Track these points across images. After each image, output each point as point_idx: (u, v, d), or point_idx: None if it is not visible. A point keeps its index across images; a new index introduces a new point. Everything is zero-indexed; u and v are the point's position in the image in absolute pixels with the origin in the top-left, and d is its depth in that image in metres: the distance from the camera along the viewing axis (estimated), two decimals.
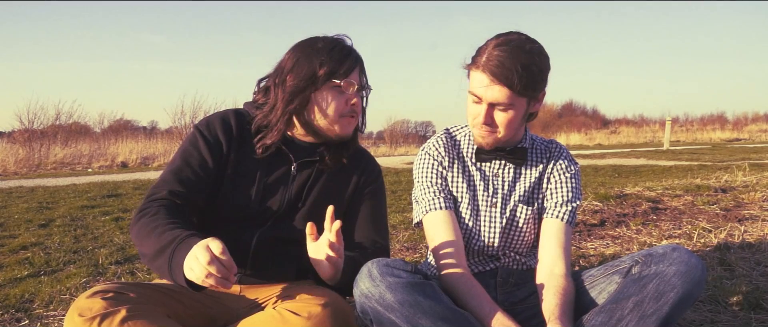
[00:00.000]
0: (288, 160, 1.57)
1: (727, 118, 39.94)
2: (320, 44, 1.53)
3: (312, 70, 1.50)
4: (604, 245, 3.22)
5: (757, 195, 4.62)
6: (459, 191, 1.62)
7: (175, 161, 1.51)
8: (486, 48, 1.44)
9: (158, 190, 1.45)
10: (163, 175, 1.50)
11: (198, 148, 1.52)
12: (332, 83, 1.51)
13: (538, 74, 1.42)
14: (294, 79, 1.52)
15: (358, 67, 1.56)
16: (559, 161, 1.64)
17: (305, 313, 1.29)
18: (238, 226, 1.54)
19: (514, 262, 1.65)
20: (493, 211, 1.61)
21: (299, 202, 1.56)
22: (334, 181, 1.61)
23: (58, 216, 4.64)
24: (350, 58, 1.54)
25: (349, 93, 1.53)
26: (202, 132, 1.54)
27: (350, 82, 1.52)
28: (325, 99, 1.52)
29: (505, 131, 1.50)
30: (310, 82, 1.51)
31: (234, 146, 1.55)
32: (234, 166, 1.54)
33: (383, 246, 1.62)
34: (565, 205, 1.59)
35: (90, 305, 1.26)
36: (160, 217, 1.36)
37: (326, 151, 1.59)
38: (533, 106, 1.52)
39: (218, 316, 1.50)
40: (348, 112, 1.55)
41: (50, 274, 2.79)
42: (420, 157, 1.67)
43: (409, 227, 3.80)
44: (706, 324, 1.92)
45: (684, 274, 1.28)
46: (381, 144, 23.76)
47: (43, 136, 14.72)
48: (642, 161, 11.68)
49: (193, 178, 1.48)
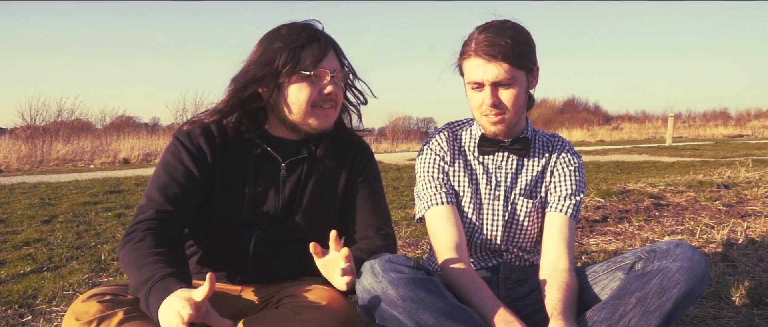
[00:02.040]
0: (276, 162, 1.52)
1: (729, 114, 39.88)
2: (284, 31, 1.45)
3: (272, 57, 1.43)
4: (607, 241, 3.21)
5: (760, 191, 4.61)
6: (461, 186, 1.62)
7: (160, 176, 1.44)
8: (472, 37, 1.50)
9: (145, 210, 1.40)
10: (148, 193, 1.43)
11: (181, 161, 1.45)
12: (302, 74, 1.43)
13: (526, 44, 1.48)
14: (254, 68, 1.45)
15: (330, 52, 1.47)
16: (562, 154, 1.64)
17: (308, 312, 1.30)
18: (234, 231, 1.51)
19: (516, 258, 1.65)
20: (496, 204, 1.61)
21: (294, 203, 1.53)
22: (326, 175, 1.56)
23: (60, 212, 4.65)
24: (318, 43, 1.44)
25: (323, 82, 1.45)
26: (183, 143, 1.47)
27: (322, 70, 1.44)
28: (295, 91, 1.44)
29: (512, 109, 1.50)
30: (270, 70, 1.43)
31: (219, 154, 1.49)
32: (222, 175, 1.49)
33: (388, 232, 1.58)
34: (568, 199, 1.59)
35: (87, 309, 1.25)
36: (144, 247, 1.30)
37: (314, 146, 1.54)
38: (531, 83, 1.55)
39: (219, 311, 1.49)
40: (322, 102, 1.46)
41: (53, 270, 2.80)
42: (422, 152, 1.67)
43: (411, 223, 3.80)
44: (708, 320, 1.91)
45: (687, 270, 1.27)
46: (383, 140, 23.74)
47: (45, 132, 14.74)
48: (644, 157, 11.66)
49: (180, 193, 1.42)
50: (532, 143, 1.64)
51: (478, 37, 1.46)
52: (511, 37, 1.44)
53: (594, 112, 42.55)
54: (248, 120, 1.51)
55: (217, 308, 1.49)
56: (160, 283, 1.19)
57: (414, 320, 1.23)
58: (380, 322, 1.29)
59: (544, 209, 1.62)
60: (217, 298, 1.52)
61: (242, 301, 1.53)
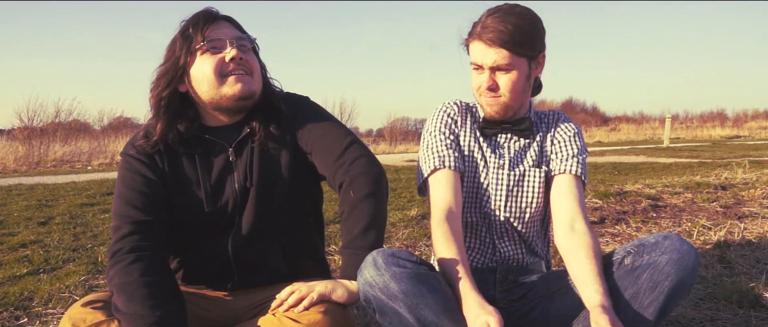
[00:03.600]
0: (223, 149, 1.50)
1: (727, 115, 39.98)
2: (181, 24, 1.46)
3: (172, 51, 1.44)
4: (604, 243, 3.21)
5: (757, 192, 4.62)
6: (468, 152, 1.62)
7: (122, 194, 1.44)
8: (480, 20, 1.50)
9: (121, 226, 1.39)
10: (117, 211, 1.42)
11: (136, 171, 1.46)
12: (200, 49, 1.42)
13: (531, 32, 1.47)
14: (161, 67, 1.46)
15: (222, 22, 1.46)
16: (559, 124, 1.66)
17: (305, 320, 1.28)
18: (208, 238, 1.50)
19: (513, 257, 1.64)
20: (501, 173, 1.61)
21: (249, 183, 1.48)
22: (273, 146, 1.51)
23: (57, 214, 4.64)
24: (205, 17, 1.44)
25: (224, 51, 1.42)
26: (131, 155, 1.47)
27: (217, 38, 1.42)
28: (198, 67, 1.43)
29: (509, 94, 1.51)
30: (175, 59, 1.43)
31: (166, 159, 1.48)
32: (175, 178, 1.48)
33: (349, 142, 1.49)
34: (573, 158, 1.59)
35: (83, 316, 1.26)
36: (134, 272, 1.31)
37: (253, 121, 1.49)
38: (535, 70, 1.54)
39: (215, 318, 1.49)
40: (230, 69, 1.43)
41: (49, 272, 2.79)
42: (434, 113, 1.67)
43: (408, 225, 3.80)
44: (706, 322, 1.91)
45: (677, 261, 1.27)
46: (381, 141, 23.74)
47: (42, 133, 14.71)
48: (642, 158, 11.67)
49: (147, 201, 1.43)
50: (535, 124, 1.65)
51: (485, 21, 1.47)
52: (514, 24, 1.44)
53: (592, 113, 42.64)
54: (182, 120, 1.49)
55: (214, 312, 1.50)
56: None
57: (414, 315, 1.23)
58: (380, 315, 1.29)
59: (548, 178, 1.62)
60: (212, 303, 1.51)
61: (237, 304, 1.52)
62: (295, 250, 1.57)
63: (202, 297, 1.50)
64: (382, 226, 1.44)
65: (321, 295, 1.32)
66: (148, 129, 1.50)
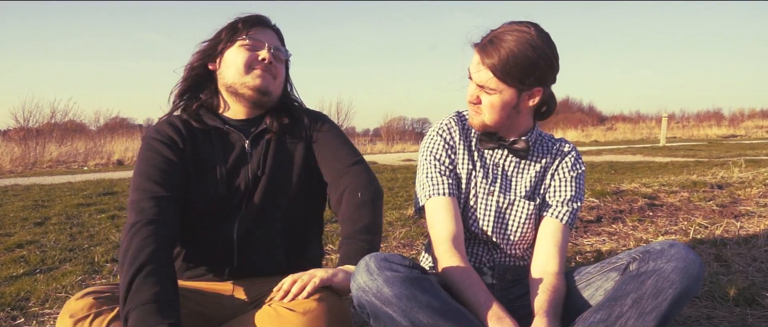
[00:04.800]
0: (239, 140, 1.61)
1: (723, 114, 40.01)
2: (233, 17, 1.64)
3: (217, 35, 1.63)
4: (601, 242, 3.22)
5: (754, 191, 4.63)
6: (462, 172, 1.61)
7: (141, 170, 1.50)
8: (494, 31, 1.47)
9: (140, 200, 1.43)
10: (136, 184, 1.47)
11: (158, 151, 1.53)
12: (240, 41, 1.59)
13: (527, 66, 1.42)
14: (202, 44, 1.64)
15: (269, 31, 1.65)
16: (565, 159, 1.63)
17: (300, 308, 1.29)
18: (216, 221, 1.55)
19: (510, 258, 1.64)
20: (490, 199, 1.60)
21: (261, 172, 1.58)
22: (287, 143, 1.64)
23: (53, 214, 4.63)
24: (260, 21, 1.64)
25: (259, 51, 1.60)
26: (153, 137, 1.56)
27: (259, 39, 1.60)
28: (232, 54, 1.60)
29: (488, 115, 1.51)
30: (216, 41, 1.62)
31: (187, 141, 1.57)
32: (193, 158, 1.57)
33: (358, 161, 1.63)
34: (566, 205, 1.59)
35: (81, 306, 1.26)
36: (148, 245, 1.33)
37: (270, 120, 1.63)
38: (525, 101, 1.50)
39: (213, 314, 1.49)
40: (258, 65, 1.59)
41: (46, 273, 2.78)
42: (430, 137, 1.65)
43: (405, 224, 3.80)
44: (702, 320, 1.92)
45: (682, 270, 1.28)
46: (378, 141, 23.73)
47: (38, 134, 14.68)
48: (638, 158, 11.70)
49: (166, 177, 1.49)
50: (534, 146, 1.63)
51: (493, 35, 1.45)
52: (515, 53, 1.40)
53: (588, 113, 42.70)
54: (205, 107, 1.65)
55: (212, 308, 1.50)
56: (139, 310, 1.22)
57: (409, 319, 1.23)
58: (374, 320, 1.28)
59: (541, 212, 1.62)
60: (210, 299, 1.51)
61: (235, 300, 1.53)
62: (295, 244, 1.61)
63: (201, 293, 1.51)
64: (380, 233, 1.55)
65: (323, 280, 1.34)
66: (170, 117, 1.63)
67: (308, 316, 1.28)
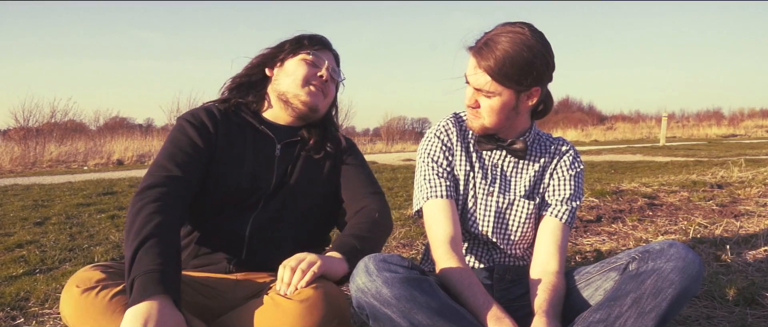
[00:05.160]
0: (272, 143, 1.65)
1: (723, 114, 40.00)
2: (297, 33, 1.72)
3: (280, 43, 1.71)
4: (601, 241, 3.22)
5: (753, 191, 4.64)
6: (460, 173, 1.61)
7: (166, 148, 1.55)
8: (489, 33, 1.47)
9: (154, 174, 1.47)
10: (157, 160, 1.52)
11: (186, 134, 1.57)
12: (303, 55, 1.67)
13: (524, 67, 1.41)
14: (265, 50, 1.72)
15: (330, 53, 1.73)
16: (564, 158, 1.64)
17: (297, 297, 1.30)
18: (231, 213, 1.58)
19: (510, 258, 1.64)
20: (489, 200, 1.60)
21: (286, 180, 1.63)
22: (315, 159, 1.69)
23: (53, 214, 4.62)
24: (322, 42, 1.72)
25: (320, 68, 1.67)
26: (187, 120, 1.60)
27: (320, 57, 1.68)
28: (293, 64, 1.67)
29: (487, 118, 1.51)
30: (279, 49, 1.69)
31: (221, 130, 1.61)
32: (222, 149, 1.59)
33: (377, 191, 1.71)
34: (565, 204, 1.59)
35: (89, 276, 1.29)
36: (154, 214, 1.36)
37: (307, 133, 1.69)
38: (524, 101, 1.50)
39: (214, 305, 1.50)
40: (315, 81, 1.66)
41: (46, 272, 2.78)
42: (427, 139, 1.66)
43: (405, 224, 3.80)
44: (702, 320, 1.92)
45: (681, 270, 1.28)
46: (377, 141, 23.73)
47: (38, 134, 14.68)
48: (638, 157, 11.70)
49: (187, 159, 1.52)
50: (532, 146, 1.63)
51: (487, 38, 1.44)
52: (510, 54, 1.39)
53: (588, 112, 42.70)
54: (246, 105, 1.71)
55: (214, 300, 1.50)
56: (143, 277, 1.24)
57: (408, 320, 1.23)
58: (374, 321, 1.28)
59: (540, 212, 1.62)
60: (212, 291, 1.52)
61: (236, 293, 1.53)
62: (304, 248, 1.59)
63: (204, 284, 1.52)
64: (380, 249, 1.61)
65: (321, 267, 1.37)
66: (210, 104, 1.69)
67: (305, 304, 1.28)
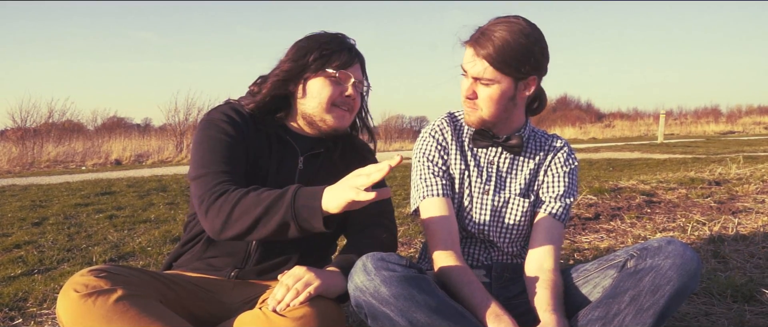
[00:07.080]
0: (295, 154, 1.61)
1: (720, 111, 40.14)
2: (318, 35, 1.59)
3: (303, 54, 1.56)
4: (599, 239, 3.22)
5: (751, 187, 4.65)
6: (455, 173, 1.62)
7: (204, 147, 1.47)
8: (483, 27, 1.48)
9: (206, 174, 1.42)
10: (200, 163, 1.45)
11: (221, 130, 1.50)
12: (328, 73, 1.55)
13: (522, 53, 1.42)
14: (288, 63, 1.57)
15: (357, 64, 1.60)
16: (558, 154, 1.64)
17: (291, 314, 1.27)
18: None
19: (507, 256, 1.65)
20: (485, 198, 1.60)
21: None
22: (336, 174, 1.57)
23: (51, 214, 4.61)
24: (349, 52, 1.58)
25: (346, 85, 1.56)
26: (219, 117, 1.53)
27: (346, 74, 1.56)
28: (318, 86, 1.56)
29: (485, 108, 1.50)
30: (303, 65, 1.55)
31: (249, 132, 1.55)
32: (251, 151, 1.55)
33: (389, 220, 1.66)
34: (559, 201, 1.59)
35: (86, 282, 1.25)
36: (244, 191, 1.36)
37: (333, 148, 1.64)
38: (522, 91, 1.51)
39: (212, 309, 1.49)
40: (342, 103, 1.57)
41: (44, 273, 2.78)
42: (422, 139, 1.66)
43: (404, 222, 3.80)
44: (700, 316, 1.92)
45: (679, 267, 1.28)
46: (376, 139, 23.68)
47: (36, 134, 14.65)
48: (636, 155, 11.71)
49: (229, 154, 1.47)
50: (527, 142, 1.64)
51: (484, 28, 1.46)
52: (507, 41, 1.41)
53: (586, 110, 42.75)
54: (272, 112, 1.62)
55: (211, 305, 1.49)
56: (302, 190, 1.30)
57: (406, 318, 1.23)
58: (372, 320, 1.28)
59: (535, 208, 1.62)
60: (208, 294, 1.51)
61: (234, 298, 1.52)
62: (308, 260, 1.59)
63: (200, 286, 1.50)
64: None
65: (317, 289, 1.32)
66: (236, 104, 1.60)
67: (299, 323, 1.26)
